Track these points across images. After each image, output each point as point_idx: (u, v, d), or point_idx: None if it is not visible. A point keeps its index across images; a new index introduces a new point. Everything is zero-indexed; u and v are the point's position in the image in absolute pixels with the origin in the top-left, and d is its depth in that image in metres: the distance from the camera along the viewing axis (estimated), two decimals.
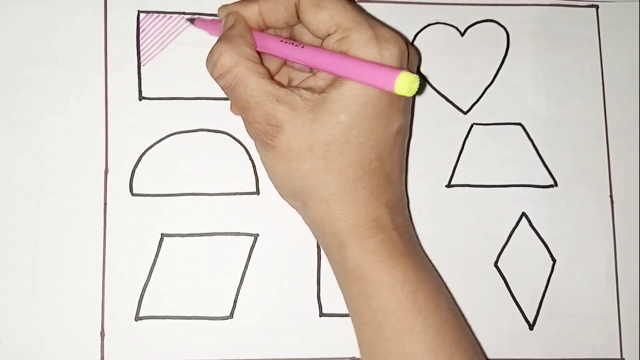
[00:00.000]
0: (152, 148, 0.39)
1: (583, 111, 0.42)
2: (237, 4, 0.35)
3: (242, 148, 0.40)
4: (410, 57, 0.33)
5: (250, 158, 0.40)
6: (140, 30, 0.40)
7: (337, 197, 0.32)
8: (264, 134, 0.32)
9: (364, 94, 0.31)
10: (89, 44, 0.40)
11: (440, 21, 0.42)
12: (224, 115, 0.38)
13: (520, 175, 0.41)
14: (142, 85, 0.40)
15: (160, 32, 0.40)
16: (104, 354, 0.38)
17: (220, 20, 0.36)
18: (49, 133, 0.39)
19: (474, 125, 0.42)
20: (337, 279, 0.35)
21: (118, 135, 0.39)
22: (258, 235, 0.39)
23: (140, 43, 0.40)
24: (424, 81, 0.41)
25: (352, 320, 0.35)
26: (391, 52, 0.31)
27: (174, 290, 0.39)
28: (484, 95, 0.42)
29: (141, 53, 0.40)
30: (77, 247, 0.38)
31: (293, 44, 0.33)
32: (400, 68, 0.31)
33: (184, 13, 0.41)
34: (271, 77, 0.33)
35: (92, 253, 0.38)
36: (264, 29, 0.36)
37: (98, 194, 0.39)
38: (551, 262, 0.41)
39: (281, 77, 0.38)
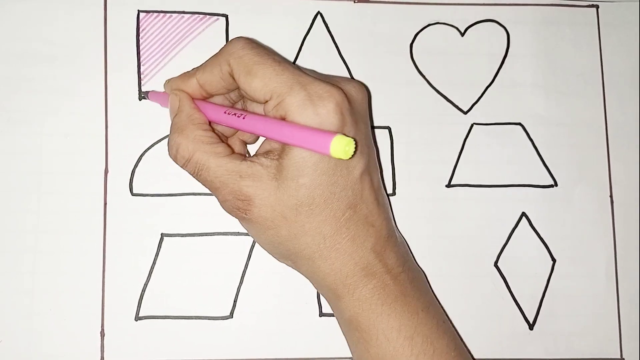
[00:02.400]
0: (152, 148, 0.39)
1: (583, 111, 0.42)
2: (177, 79, 0.35)
3: None
4: (351, 100, 0.32)
5: None
6: (140, 29, 0.40)
7: (320, 255, 0.33)
8: (237, 210, 0.33)
9: (312, 155, 0.31)
10: (89, 44, 0.40)
11: (440, 21, 0.42)
12: None
13: (520, 175, 0.41)
14: (142, 84, 0.40)
15: (160, 32, 0.40)
16: (104, 354, 0.38)
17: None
18: (49, 133, 0.39)
19: (474, 125, 0.42)
20: (338, 324, 0.35)
21: (118, 135, 0.39)
22: None
23: (140, 43, 0.40)
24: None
25: None
26: (327, 108, 0.30)
27: (174, 290, 0.39)
28: (484, 95, 0.42)
29: (141, 53, 0.40)
30: (77, 247, 0.38)
31: (235, 114, 0.33)
32: (334, 132, 0.29)
33: (184, 12, 0.41)
34: (232, 150, 0.33)
35: (92, 253, 0.38)
36: (207, 97, 0.35)
37: (98, 194, 0.39)
38: (551, 262, 0.41)
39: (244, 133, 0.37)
